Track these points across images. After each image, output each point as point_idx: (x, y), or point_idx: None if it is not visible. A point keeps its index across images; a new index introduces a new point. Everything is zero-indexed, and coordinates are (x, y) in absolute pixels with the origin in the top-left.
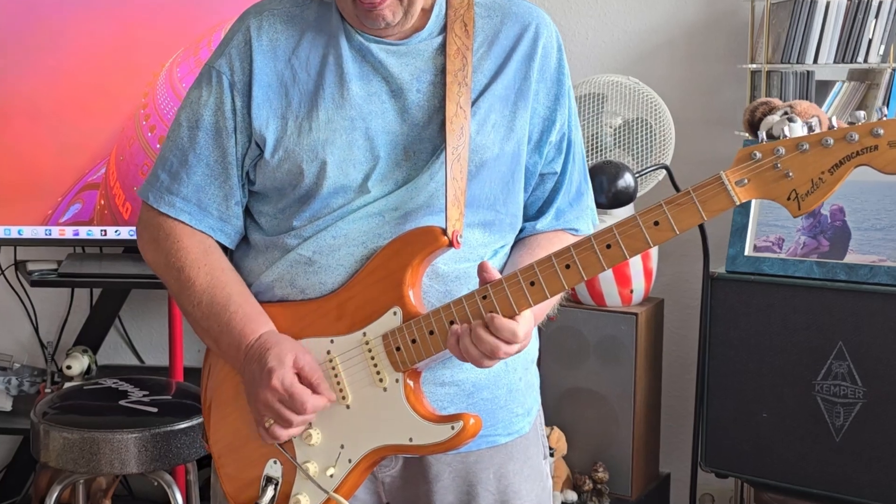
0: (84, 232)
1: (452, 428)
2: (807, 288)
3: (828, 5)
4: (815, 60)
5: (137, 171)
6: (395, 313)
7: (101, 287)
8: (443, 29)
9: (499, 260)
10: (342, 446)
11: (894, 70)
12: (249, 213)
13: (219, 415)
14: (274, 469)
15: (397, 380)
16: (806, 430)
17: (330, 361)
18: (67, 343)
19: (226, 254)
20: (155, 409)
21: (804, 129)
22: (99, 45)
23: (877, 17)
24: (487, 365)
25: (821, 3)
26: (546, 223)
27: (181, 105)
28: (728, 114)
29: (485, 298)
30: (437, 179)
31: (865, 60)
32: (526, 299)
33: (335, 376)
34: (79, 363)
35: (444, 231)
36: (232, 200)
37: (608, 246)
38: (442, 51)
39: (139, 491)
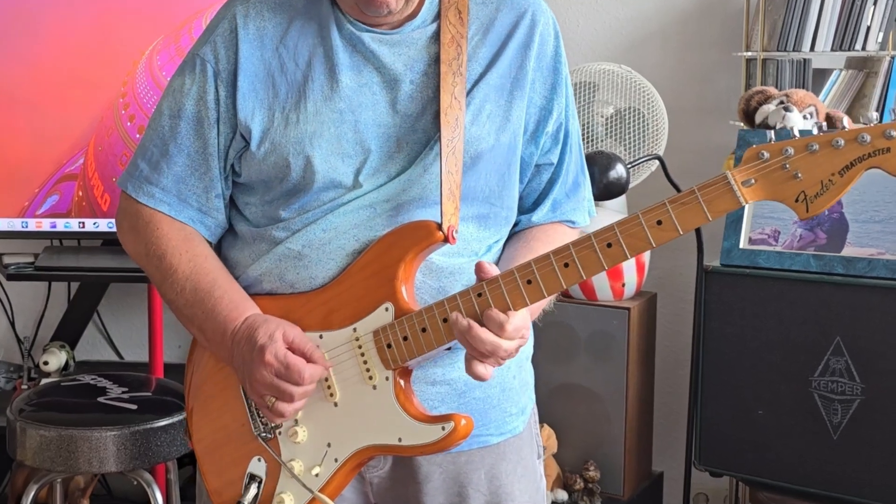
0: (61, 224)
1: (443, 429)
2: (803, 282)
3: None
4: (812, 48)
5: (116, 162)
6: (387, 309)
7: (79, 281)
8: (436, 17)
9: (493, 255)
10: (329, 445)
11: (893, 58)
12: (235, 205)
13: (202, 411)
14: (258, 467)
15: (387, 378)
16: (803, 428)
17: None
18: (44, 338)
19: (210, 245)
20: (134, 407)
21: (801, 119)
22: (77, 32)
23: (875, 4)
24: (485, 363)
25: None
26: (542, 215)
27: (164, 93)
28: (722, 103)
29: (480, 296)
30: (431, 172)
31: (864, 48)
32: (522, 298)
33: None
34: (56, 359)
35: (440, 226)
36: (213, 192)
37: (609, 245)
38: (436, 39)
39: (118, 490)
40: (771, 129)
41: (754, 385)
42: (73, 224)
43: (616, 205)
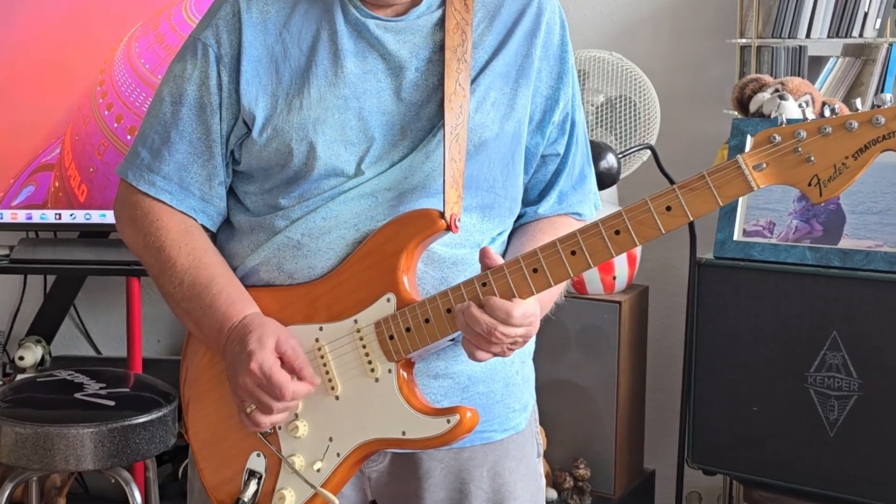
0: (37, 216)
1: (448, 421)
2: (799, 275)
3: None
4: (808, 35)
5: (94, 152)
6: (389, 300)
7: (56, 274)
8: (441, 3)
9: (497, 247)
10: (330, 439)
11: (891, 45)
12: (233, 194)
13: (199, 405)
14: (257, 462)
15: (390, 370)
16: (798, 425)
17: (318, 350)
18: (20, 333)
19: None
20: (112, 403)
21: (797, 108)
22: (53, 17)
23: None
24: (490, 351)
25: None
26: (548, 207)
27: (163, 78)
28: (716, 91)
29: (484, 286)
30: (434, 159)
31: (861, 35)
32: (528, 287)
33: (324, 365)
34: (32, 354)
35: (442, 214)
36: (215, 180)
37: (617, 232)
38: (441, 26)
39: (95, 489)
40: (766, 118)
41: (749, 381)
42: (50, 215)
43: (607, 195)
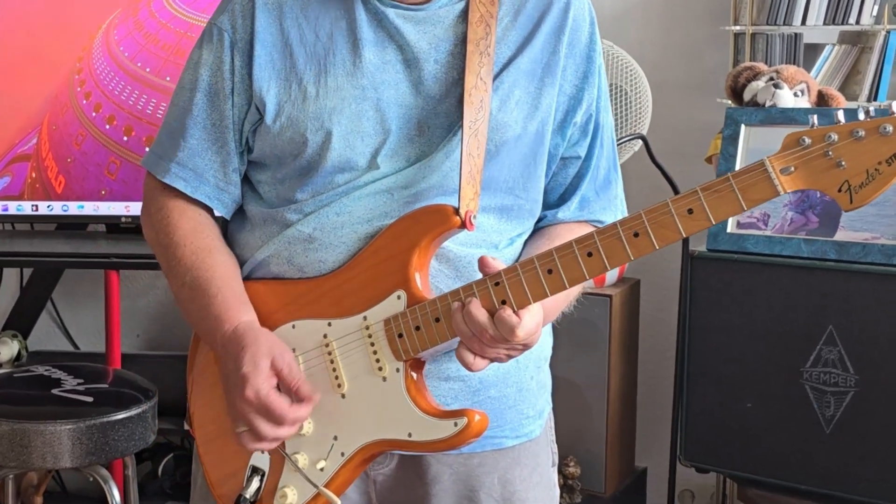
0: (13, 207)
1: (455, 424)
2: (794, 268)
3: None
4: (804, 22)
5: (71, 142)
6: (399, 297)
7: (32, 266)
8: None
9: (515, 249)
10: (335, 438)
11: (889, 32)
12: (248, 182)
13: (204, 398)
14: (261, 459)
15: (398, 369)
16: (793, 421)
17: (326, 346)
18: None
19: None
20: (90, 399)
21: (792, 97)
22: (30, 4)
23: None
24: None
25: None
26: (569, 213)
27: (184, 66)
28: (709, 79)
29: (497, 285)
30: (453, 158)
31: (857, 22)
32: (542, 288)
33: (331, 362)
34: (8, 349)
35: (457, 210)
36: (230, 167)
37: (636, 234)
38: (464, 18)
39: (73, 487)
40: (760, 107)
41: (742, 376)
42: (26, 207)
43: None
